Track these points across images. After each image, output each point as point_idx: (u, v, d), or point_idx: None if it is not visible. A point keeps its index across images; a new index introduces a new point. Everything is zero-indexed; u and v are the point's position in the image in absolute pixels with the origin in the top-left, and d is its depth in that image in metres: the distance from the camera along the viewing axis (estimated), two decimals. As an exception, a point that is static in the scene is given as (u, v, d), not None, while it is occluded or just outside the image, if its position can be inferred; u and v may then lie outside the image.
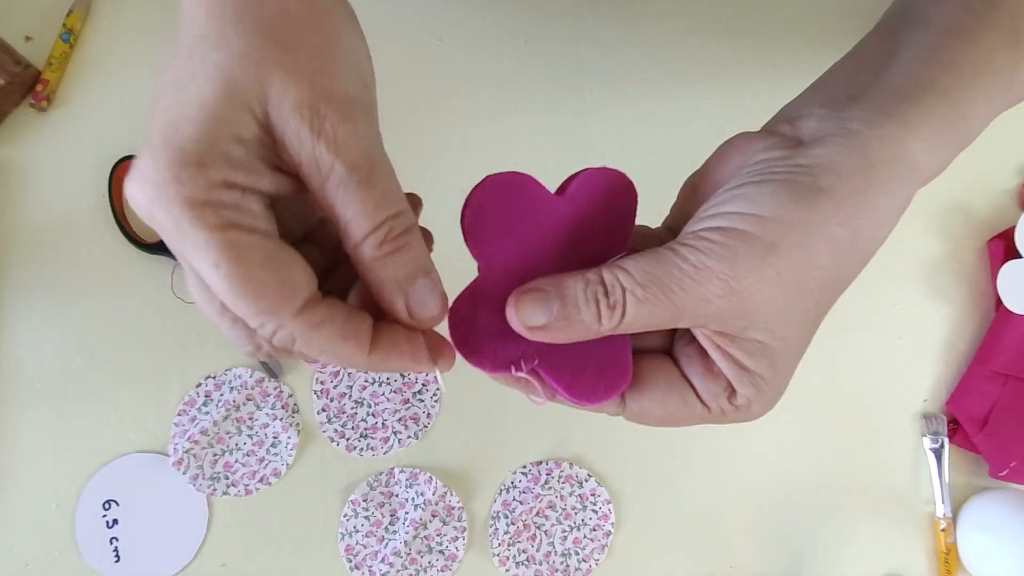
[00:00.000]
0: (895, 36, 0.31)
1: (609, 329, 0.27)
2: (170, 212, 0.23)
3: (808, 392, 0.57)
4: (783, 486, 0.56)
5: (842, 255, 0.26)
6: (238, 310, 0.24)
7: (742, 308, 0.26)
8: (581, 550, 0.54)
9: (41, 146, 0.54)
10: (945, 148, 0.28)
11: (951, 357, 0.58)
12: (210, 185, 0.23)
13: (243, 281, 0.23)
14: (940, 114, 0.28)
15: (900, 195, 0.27)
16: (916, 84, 0.28)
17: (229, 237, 0.23)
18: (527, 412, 0.55)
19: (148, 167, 0.23)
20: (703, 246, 0.26)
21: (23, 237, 0.54)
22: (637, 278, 0.26)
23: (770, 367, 0.28)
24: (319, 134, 0.24)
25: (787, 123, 0.29)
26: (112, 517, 0.52)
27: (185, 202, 0.23)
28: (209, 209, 0.23)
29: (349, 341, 0.25)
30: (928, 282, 0.59)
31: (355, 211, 0.25)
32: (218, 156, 0.23)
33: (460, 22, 0.58)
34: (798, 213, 0.25)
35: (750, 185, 0.27)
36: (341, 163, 0.24)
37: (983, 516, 0.55)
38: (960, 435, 0.57)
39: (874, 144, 0.26)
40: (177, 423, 0.53)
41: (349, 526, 0.53)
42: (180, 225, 0.23)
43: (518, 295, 0.27)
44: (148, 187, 0.23)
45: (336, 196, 0.25)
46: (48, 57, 0.54)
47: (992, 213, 0.60)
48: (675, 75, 0.59)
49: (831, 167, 0.26)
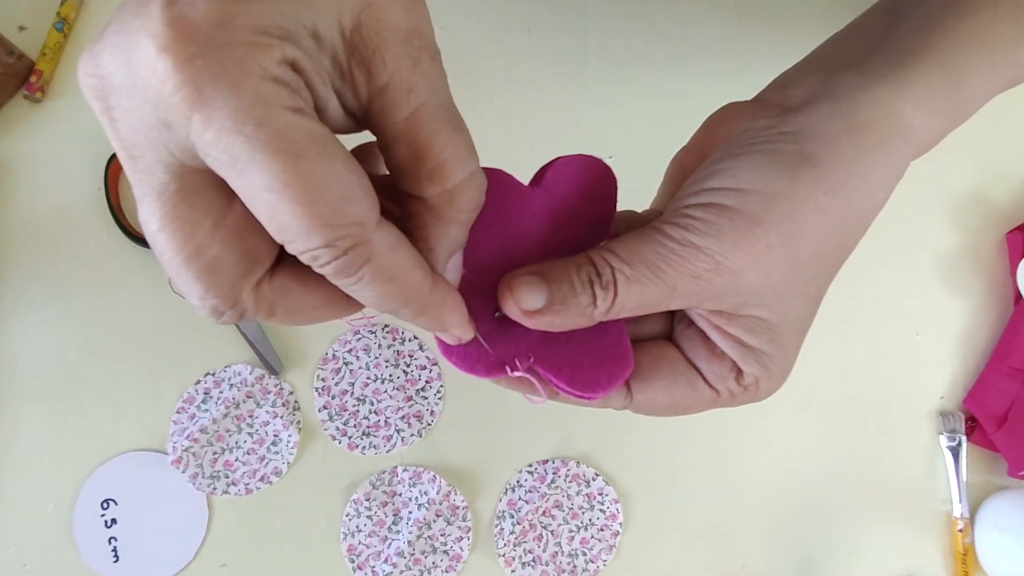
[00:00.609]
0: (894, 11, 0.31)
1: (603, 311, 0.26)
2: (229, 77, 0.17)
3: (822, 389, 0.56)
4: (796, 484, 0.55)
5: (835, 223, 0.26)
6: (308, 217, 0.19)
7: (734, 284, 0.25)
8: (588, 550, 0.53)
9: (35, 138, 0.53)
10: (940, 114, 0.27)
11: (968, 353, 0.57)
12: (285, 60, 0.18)
13: (334, 178, 0.19)
14: (935, 79, 0.27)
15: (894, 159, 0.26)
16: (911, 51, 0.27)
17: (308, 125, 0.19)
18: (533, 410, 0.54)
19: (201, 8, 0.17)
20: (686, 223, 0.25)
21: (17, 232, 0.53)
22: (624, 257, 0.26)
23: (772, 343, 0.27)
24: (416, 61, 0.21)
25: (778, 90, 0.29)
26: (111, 516, 0.51)
27: (258, 70, 0.18)
28: (283, 88, 0.18)
29: (418, 269, 0.22)
30: (945, 276, 0.58)
31: (453, 152, 0.22)
32: (298, 35, 0.19)
33: (464, 9, 0.56)
34: (782, 184, 0.25)
35: (731, 158, 0.26)
36: (435, 96, 0.21)
37: (1001, 516, 0.54)
38: (978, 433, 0.55)
39: (862, 108, 0.26)
40: (176, 421, 0.52)
41: (351, 526, 0.52)
42: (239, 99, 0.17)
43: (512, 279, 0.26)
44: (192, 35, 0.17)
45: (429, 127, 0.21)
46: (42, 47, 0.53)
47: (1011, 205, 0.58)
48: (682, 62, 0.58)
49: (816, 132, 0.25)
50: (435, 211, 0.22)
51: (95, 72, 0.19)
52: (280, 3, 0.18)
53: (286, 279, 0.23)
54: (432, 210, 0.22)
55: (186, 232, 0.20)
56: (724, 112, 0.30)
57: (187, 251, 0.20)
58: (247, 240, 0.21)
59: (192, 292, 0.21)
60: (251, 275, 0.22)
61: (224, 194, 0.20)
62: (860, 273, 0.56)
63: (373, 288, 0.21)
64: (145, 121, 0.19)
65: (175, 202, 0.20)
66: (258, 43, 0.18)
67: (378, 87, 0.21)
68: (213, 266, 0.21)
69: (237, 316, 0.22)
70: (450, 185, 0.22)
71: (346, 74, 0.21)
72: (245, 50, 0.18)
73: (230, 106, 0.18)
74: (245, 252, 0.21)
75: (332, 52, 0.20)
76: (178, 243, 0.20)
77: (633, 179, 0.33)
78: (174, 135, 0.18)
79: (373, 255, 0.20)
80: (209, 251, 0.20)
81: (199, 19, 0.17)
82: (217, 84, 0.17)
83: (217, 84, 0.17)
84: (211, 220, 0.20)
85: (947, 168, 0.58)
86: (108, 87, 0.19)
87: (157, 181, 0.20)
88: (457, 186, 0.22)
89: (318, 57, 0.20)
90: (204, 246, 0.20)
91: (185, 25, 0.17)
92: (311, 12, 0.19)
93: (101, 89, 0.19)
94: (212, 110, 0.17)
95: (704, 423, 0.54)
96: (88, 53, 0.19)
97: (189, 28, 0.17)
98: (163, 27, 0.17)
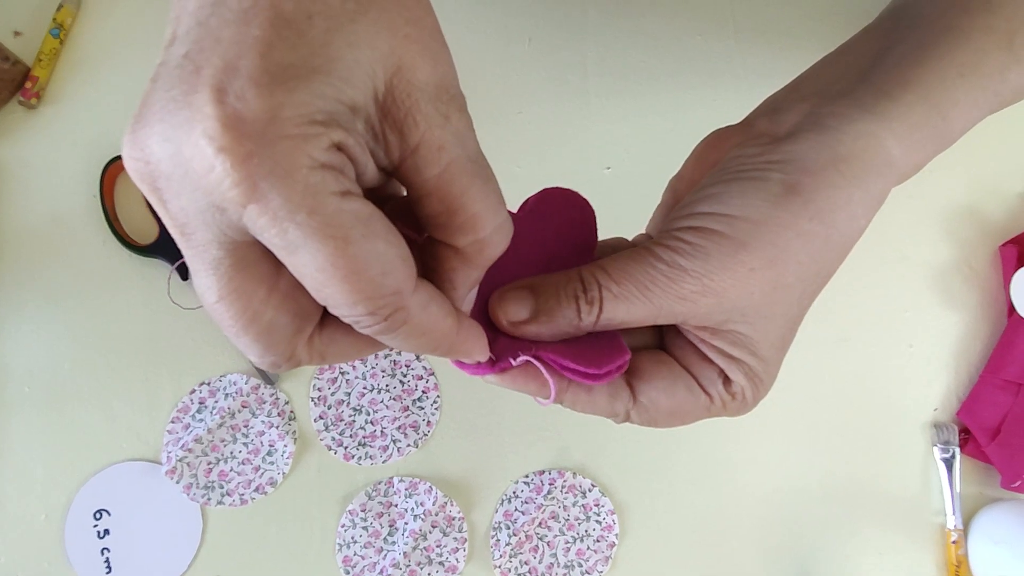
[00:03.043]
0: (887, 35, 0.32)
1: (590, 324, 0.27)
2: (281, 171, 0.18)
3: (816, 401, 0.56)
4: (790, 496, 0.55)
5: (818, 249, 0.27)
6: (354, 293, 0.20)
7: (718, 304, 0.27)
8: (584, 562, 0.53)
9: (30, 145, 0.53)
10: (921, 146, 0.28)
11: (962, 365, 0.57)
12: (331, 146, 0.19)
13: (376, 257, 0.20)
14: (919, 112, 0.28)
15: (875, 189, 0.27)
16: (898, 81, 0.28)
17: (354, 207, 0.20)
18: (529, 420, 0.54)
19: (252, 104, 0.18)
20: (676, 246, 0.27)
21: (12, 239, 0.52)
22: (613, 276, 0.27)
23: (754, 356, 0.28)
24: (446, 118, 0.22)
25: (767, 116, 0.30)
26: (103, 527, 0.51)
27: (308, 161, 0.19)
28: (330, 173, 0.19)
29: (448, 318, 0.23)
30: (939, 288, 0.58)
31: (484, 205, 0.23)
32: (340, 115, 0.20)
33: (465, 20, 0.56)
34: (767, 211, 0.26)
35: (722, 183, 0.28)
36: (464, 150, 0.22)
37: (995, 528, 0.54)
38: (971, 445, 0.56)
39: (846, 140, 0.27)
40: (170, 430, 0.52)
41: (347, 536, 0.52)
42: (291, 190, 0.18)
43: (500, 293, 0.28)
44: (248, 133, 0.18)
45: (460, 182, 0.22)
46: (38, 53, 0.53)
47: (1004, 218, 0.59)
48: (681, 75, 0.58)
49: (802, 163, 0.27)
50: (465, 258, 0.24)
51: (142, 157, 0.20)
52: (322, 85, 0.19)
53: (334, 331, 0.24)
54: (462, 256, 0.24)
55: (243, 302, 0.21)
56: (714, 138, 0.31)
57: (245, 319, 0.22)
58: (298, 302, 0.22)
59: (252, 352, 0.23)
60: (303, 332, 0.23)
61: (274, 262, 0.21)
62: (854, 285, 0.57)
63: (409, 341, 0.23)
64: (197, 205, 0.19)
65: (231, 275, 0.21)
66: (306, 135, 0.19)
67: (411, 147, 0.22)
68: (269, 329, 0.22)
69: (293, 366, 0.24)
70: (482, 235, 0.23)
71: (379, 137, 0.22)
72: (295, 143, 0.19)
73: (283, 197, 0.19)
74: (297, 312, 0.23)
75: (367, 118, 0.21)
76: (236, 312, 0.21)
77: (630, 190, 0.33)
78: (226, 217, 0.19)
79: (409, 318, 0.22)
80: (264, 316, 0.22)
81: (251, 116, 0.18)
82: (271, 179, 0.18)
83: (271, 179, 0.18)
84: (264, 288, 0.22)
85: (940, 181, 0.58)
86: (156, 172, 0.20)
87: (211, 256, 0.21)
88: (488, 235, 0.23)
89: (357, 130, 0.21)
90: (260, 312, 0.22)
91: (240, 124, 0.18)
92: (350, 88, 0.20)
93: (149, 174, 0.20)
94: (267, 201, 0.19)
95: (700, 434, 0.54)
96: (132, 137, 0.20)
97: (244, 127, 0.18)
98: (219, 127, 0.18)
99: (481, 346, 0.26)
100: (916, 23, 0.31)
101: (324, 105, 0.19)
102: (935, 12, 0.30)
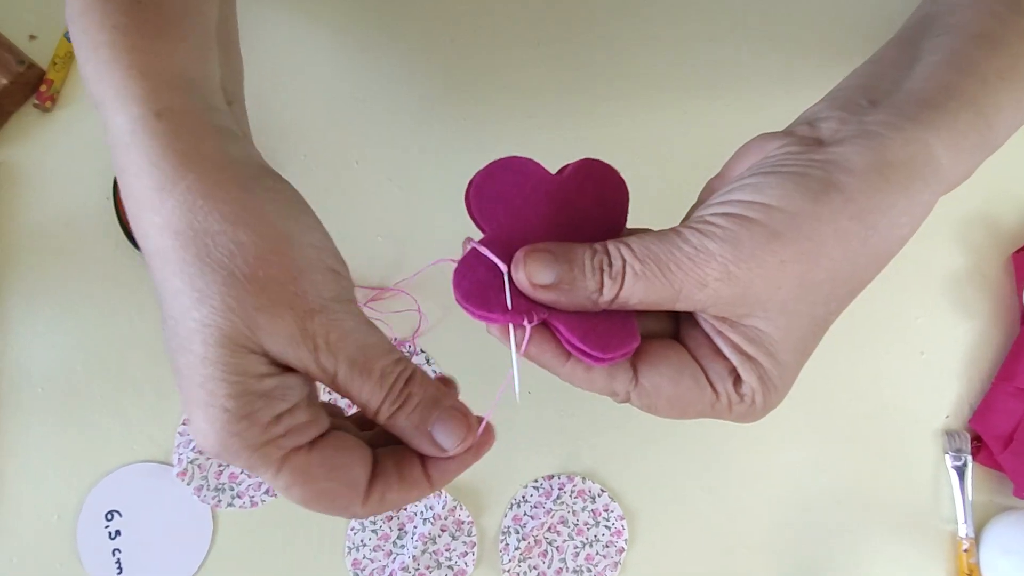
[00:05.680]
0: (916, 44, 0.31)
1: (608, 300, 0.27)
2: (239, 459, 0.26)
3: (828, 407, 0.56)
4: (801, 503, 0.55)
5: (854, 250, 0.26)
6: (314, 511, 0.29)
7: (741, 295, 0.26)
8: (594, 567, 0.53)
9: (45, 148, 0.53)
10: (969, 154, 0.28)
11: (974, 373, 0.57)
12: (263, 428, 0.26)
13: (316, 495, 0.28)
14: (965, 119, 0.27)
15: (921, 197, 0.27)
16: (940, 89, 0.28)
17: (294, 464, 0.27)
18: (539, 425, 0.54)
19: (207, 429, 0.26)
20: (706, 229, 0.26)
21: (26, 241, 0.53)
22: (637, 253, 0.26)
23: (770, 356, 0.27)
24: (315, 349, 0.26)
25: (807, 125, 0.29)
26: (115, 528, 0.51)
27: (248, 449, 0.26)
28: (271, 447, 0.26)
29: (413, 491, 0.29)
30: (951, 296, 0.58)
31: (367, 395, 0.28)
32: (257, 400, 0.26)
33: (473, 22, 0.56)
34: (805, 204, 0.25)
35: (760, 175, 0.27)
36: (342, 363, 0.27)
37: (1007, 537, 0.53)
38: (984, 453, 0.55)
39: (894, 146, 0.26)
40: (182, 432, 0.52)
41: (356, 540, 0.52)
42: (251, 466, 0.26)
43: (527, 252, 0.27)
44: (213, 443, 0.26)
45: (347, 388, 0.27)
46: (52, 56, 0.53)
47: (1018, 225, 0.58)
48: (691, 79, 0.58)
49: (846, 164, 0.26)
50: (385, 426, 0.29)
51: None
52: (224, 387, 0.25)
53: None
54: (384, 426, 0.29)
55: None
56: (756, 141, 0.30)
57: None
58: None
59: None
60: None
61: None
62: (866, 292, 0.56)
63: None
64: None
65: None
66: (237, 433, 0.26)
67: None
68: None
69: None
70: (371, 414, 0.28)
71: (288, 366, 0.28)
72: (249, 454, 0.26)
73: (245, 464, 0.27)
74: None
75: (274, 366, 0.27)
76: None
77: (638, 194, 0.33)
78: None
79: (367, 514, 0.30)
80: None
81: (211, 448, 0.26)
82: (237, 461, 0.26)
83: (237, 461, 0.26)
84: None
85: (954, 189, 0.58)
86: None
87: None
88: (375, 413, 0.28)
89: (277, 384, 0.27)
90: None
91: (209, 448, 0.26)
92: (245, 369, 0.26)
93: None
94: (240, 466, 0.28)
95: (710, 440, 0.54)
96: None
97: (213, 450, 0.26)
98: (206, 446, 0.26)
99: (479, 449, 0.32)
100: (945, 31, 0.30)
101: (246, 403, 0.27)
102: (964, 19, 0.30)
